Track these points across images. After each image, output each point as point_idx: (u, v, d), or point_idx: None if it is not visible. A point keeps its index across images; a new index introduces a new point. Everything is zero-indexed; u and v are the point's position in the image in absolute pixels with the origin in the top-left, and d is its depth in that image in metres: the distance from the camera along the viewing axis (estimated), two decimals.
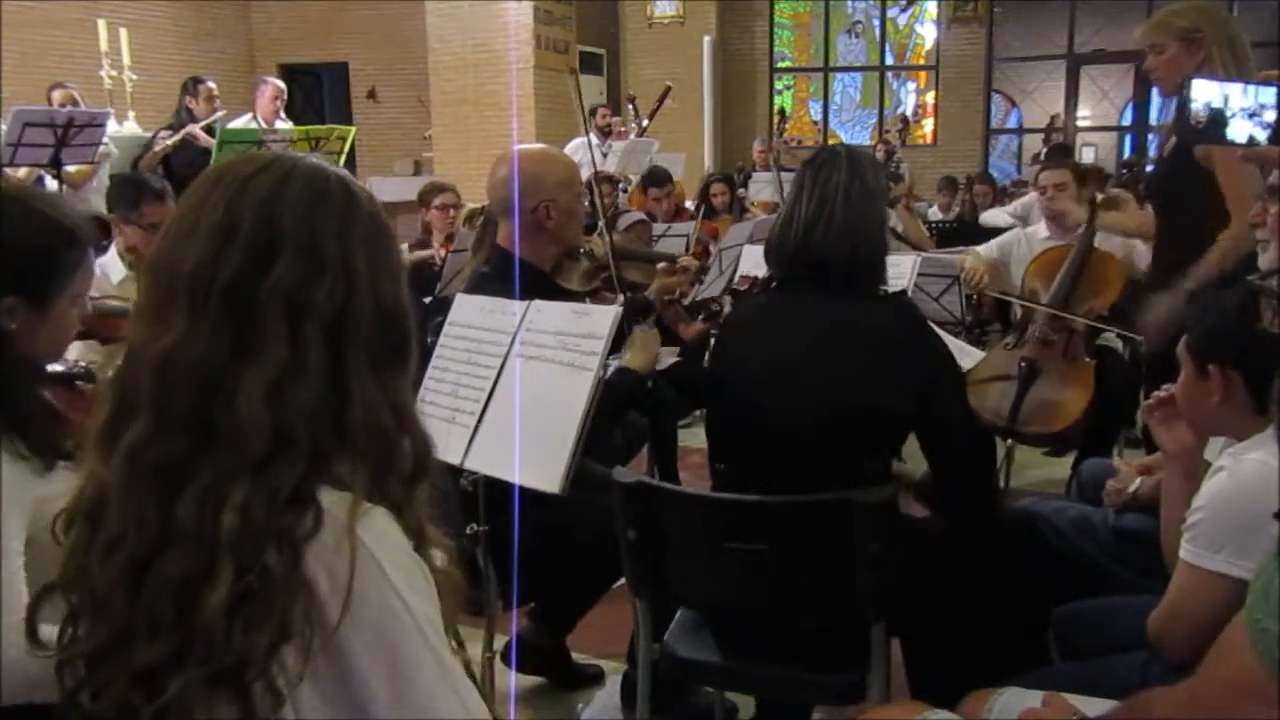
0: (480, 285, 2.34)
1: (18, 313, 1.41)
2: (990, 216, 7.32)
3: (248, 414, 0.87)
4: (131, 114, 7.62)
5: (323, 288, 0.91)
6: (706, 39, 11.90)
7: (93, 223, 1.63)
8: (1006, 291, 3.83)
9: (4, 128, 5.07)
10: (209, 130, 5.89)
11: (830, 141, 12.96)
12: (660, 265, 2.93)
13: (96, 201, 5.20)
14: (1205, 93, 1.70)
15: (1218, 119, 1.68)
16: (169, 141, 5.91)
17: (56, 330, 1.50)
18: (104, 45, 7.67)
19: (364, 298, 0.93)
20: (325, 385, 0.90)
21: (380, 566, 0.88)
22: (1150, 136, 9.81)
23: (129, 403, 0.91)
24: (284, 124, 6.39)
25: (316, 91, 12.67)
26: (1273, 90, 1.70)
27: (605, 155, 7.53)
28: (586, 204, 3.66)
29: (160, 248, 0.94)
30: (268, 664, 0.85)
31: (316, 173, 0.96)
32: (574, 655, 2.66)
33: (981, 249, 4.07)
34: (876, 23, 13.08)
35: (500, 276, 2.34)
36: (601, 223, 3.06)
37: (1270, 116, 1.69)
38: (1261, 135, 1.71)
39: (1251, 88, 1.71)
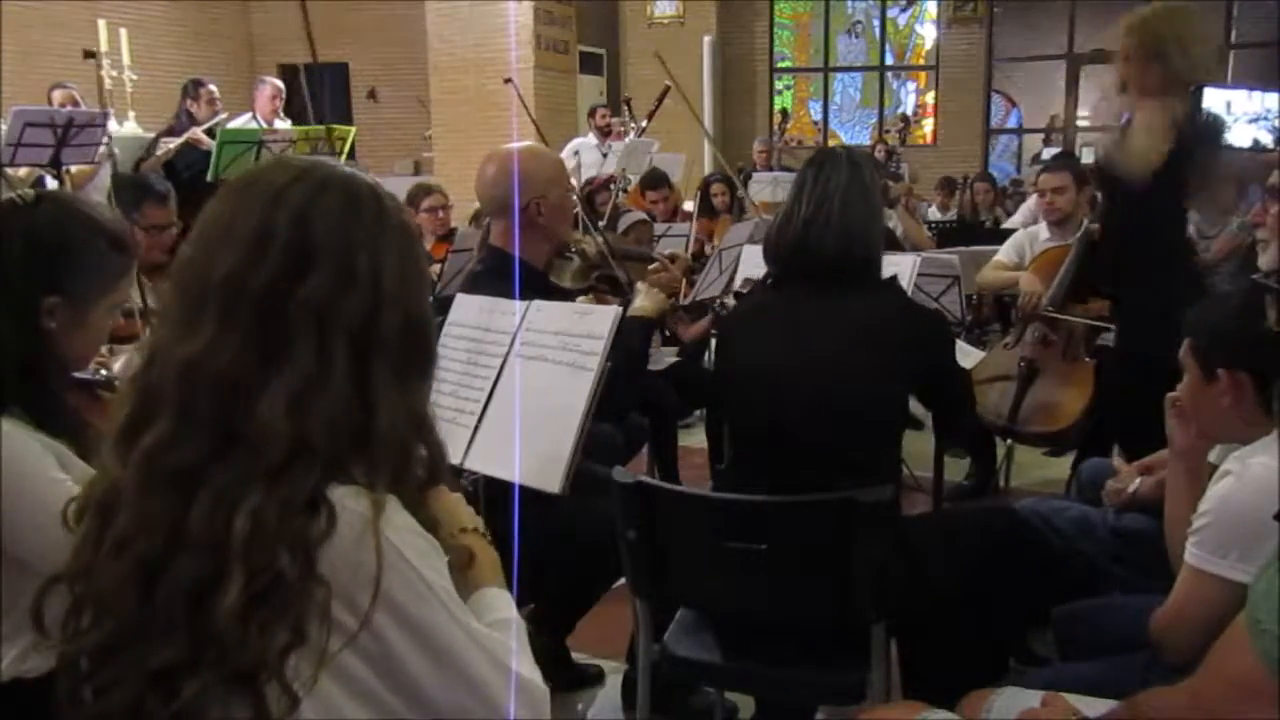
0: (475, 283, 2.34)
1: (58, 313, 1.39)
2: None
3: (269, 423, 0.87)
4: (131, 114, 7.61)
5: (353, 300, 0.92)
6: (706, 39, 11.90)
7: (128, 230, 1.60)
8: (1011, 295, 3.83)
9: (4, 128, 5.06)
10: (210, 133, 5.88)
11: (830, 142, 12.98)
12: (652, 265, 2.93)
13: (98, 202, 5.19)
14: (1211, 99, 1.71)
15: (1217, 124, 1.70)
16: (171, 146, 5.90)
17: (91, 335, 1.48)
18: (104, 45, 7.67)
19: (392, 309, 0.94)
20: (350, 396, 0.91)
21: (402, 555, 0.90)
22: None
23: (151, 405, 0.91)
24: (283, 123, 6.39)
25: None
26: (1276, 96, 1.71)
27: (605, 155, 7.53)
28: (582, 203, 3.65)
29: (191, 252, 0.94)
30: (281, 666, 0.86)
31: (350, 182, 0.97)
32: (574, 655, 2.66)
33: (1002, 256, 4.06)
34: (876, 23, 13.08)
35: (494, 274, 2.34)
36: (584, 219, 3.04)
37: (1277, 122, 1.70)
38: (1267, 139, 1.71)
39: (1256, 93, 1.72)
